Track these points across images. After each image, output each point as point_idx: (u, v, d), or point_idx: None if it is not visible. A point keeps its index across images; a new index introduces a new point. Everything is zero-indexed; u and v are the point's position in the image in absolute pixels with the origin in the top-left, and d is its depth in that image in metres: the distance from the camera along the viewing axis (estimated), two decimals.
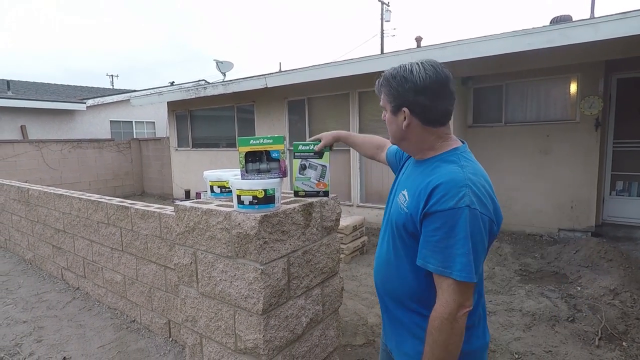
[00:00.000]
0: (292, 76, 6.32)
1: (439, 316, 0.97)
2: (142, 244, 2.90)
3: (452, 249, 0.95)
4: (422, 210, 1.00)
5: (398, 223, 1.10)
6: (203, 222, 1.61)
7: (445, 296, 0.96)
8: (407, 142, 1.16)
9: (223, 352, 1.64)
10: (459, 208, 0.95)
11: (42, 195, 4.24)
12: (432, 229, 0.98)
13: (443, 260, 0.96)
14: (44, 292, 3.82)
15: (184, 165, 9.34)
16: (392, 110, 1.13)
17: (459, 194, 0.96)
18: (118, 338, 2.87)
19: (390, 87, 1.12)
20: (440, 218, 0.96)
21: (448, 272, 0.95)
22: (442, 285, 0.97)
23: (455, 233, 0.95)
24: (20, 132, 10.40)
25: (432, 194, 0.99)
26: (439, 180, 1.00)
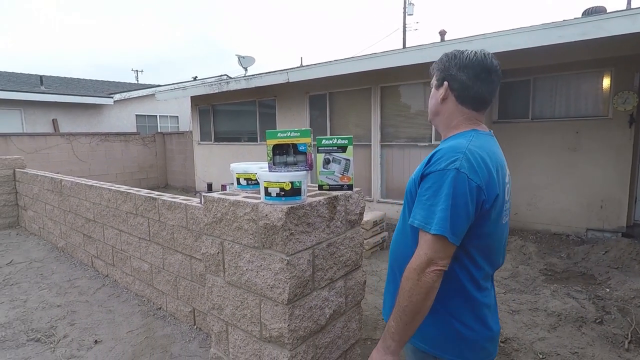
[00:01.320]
0: (314, 71, 6.32)
1: (409, 267, 1.02)
2: (168, 234, 2.99)
3: (435, 207, 1.00)
4: (420, 173, 1.09)
5: (407, 191, 1.17)
6: (230, 213, 1.65)
7: (420, 250, 1.01)
8: (439, 118, 1.22)
9: (248, 340, 1.68)
10: (448, 169, 1.01)
11: (74, 186, 4.41)
12: (424, 189, 1.05)
13: (426, 216, 1.01)
14: (76, 278, 4.00)
15: (207, 159, 9.51)
16: (437, 84, 1.21)
17: (451, 158, 1.03)
18: (145, 324, 2.97)
19: (440, 62, 1.21)
20: (432, 178, 1.03)
21: (427, 227, 1.00)
22: (421, 240, 1.02)
23: (440, 192, 1.00)
24: (52, 125, 10.82)
25: (430, 159, 1.08)
26: (440, 147, 1.10)
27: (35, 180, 5.56)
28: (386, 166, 6.32)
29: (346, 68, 5.83)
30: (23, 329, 2.94)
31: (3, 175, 6.29)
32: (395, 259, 1.24)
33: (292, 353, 1.53)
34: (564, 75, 5.38)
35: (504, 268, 4.17)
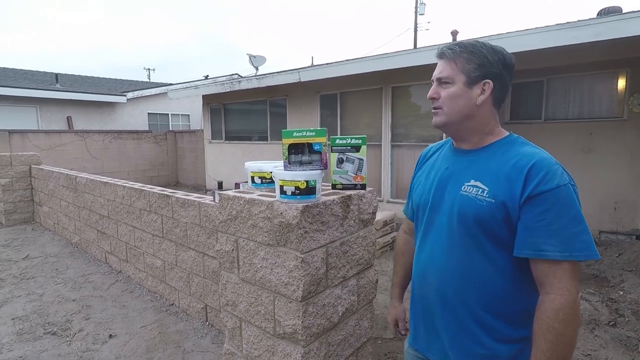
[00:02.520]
0: (325, 71, 6.34)
1: (564, 307, 0.87)
2: (181, 231, 3.03)
3: (567, 230, 0.88)
4: (522, 194, 0.91)
5: (479, 217, 0.97)
6: (245, 210, 1.67)
7: (565, 283, 0.88)
8: (472, 122, 1.04)
9: (262, 336, 1.71)
10: (564, 185, 0.90)
11: (89, 182, 4.50)
12: (538, 213, 0.90)
13: (561, 243, 0.87)
14: (90, 273, 4.07)
15: (217, 158, 9.59)
16: (469, 81, 1.01)
17: (558, 172, 0.91)
18: (158, 320, 3.03)
19: (477, 54, 1.01)
20: (548, 199, 0.89)
21: (568, 255, 0.87)
22: (557, 272, 0.88)
23: (566, 212, 0.88)
24: (66, 122, 11.01)
25: (530, 175, 0.91)
26: (531, 160, 0.94)
27: (50, 176, 5.67)
28: (396, 166, 6.31)
29: (357, 68, 5.84)
30: (40, 322, 3.01)
31: (19, 171, 6.43)
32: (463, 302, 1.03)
33: (305, 349, 1.55)
34: (578, 75, 5.32)
35: None
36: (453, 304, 1.05)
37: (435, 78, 1.07)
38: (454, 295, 1.04)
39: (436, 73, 1.08)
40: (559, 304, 0.88)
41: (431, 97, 1.08)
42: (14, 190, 6.35)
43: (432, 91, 1.08)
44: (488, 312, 1.00)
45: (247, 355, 1.80)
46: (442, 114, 1.06)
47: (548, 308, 0.89)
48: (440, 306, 1.08)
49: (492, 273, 0.99)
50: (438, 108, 1.07)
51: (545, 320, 0.89)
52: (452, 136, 1.14)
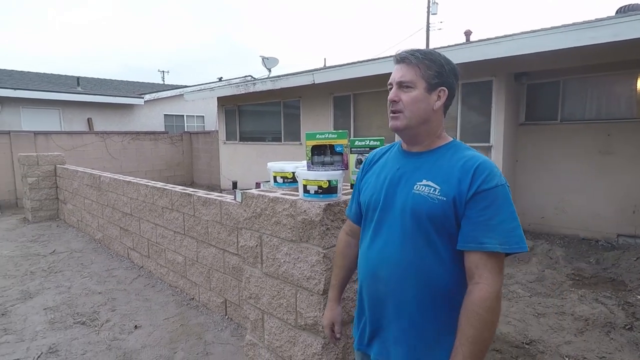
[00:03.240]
0: (339, 72, 6.42)
1: (489, 296, 0.94)
2: (203, 228, 3.15)
3: (504, 224, 0.97)
4: (469, 191, 0.99)
5: (432, 213, 1.02)
6: (269, 208, 1.77)
7: (494, 275, 0.96)
8: (426, 126, 1.11)
9: (283, 327, 1.80)
10: (502, 185, 1.00)
11: (113, 181, 4.67)
12: (480, 208, 0.98)
13: (499, 236, 0.96)
14: (113, 268, 4.24)
15: (232, 158, 9.76)
16: (429, 87, 1.09)
17: (497, 173, 1.02)
18: (180, 313, 3.15)
19: (434, 63, 1.09)
20: (488, 196, 0.98)
21: (506, 247, 0.95)
22: (489, 264, 0.96)
23: (504, 209, 0.98)
24: (87, 124, 11.34)
25: (476, 174, 1.00)
26: (477, 161, 1.03)
27: (75, 175, 5.89)
28: None
29: (372, 70, 5.90)
30: (69, 312, 3.16)
31: (46, 170, 6.68)
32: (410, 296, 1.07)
33: (325, 340, 1.64)
34: (596, 76, 5.27)
35: (529, 271, 4.15)
36: (405, 299, 1.07)
37: (396, 82, 1.11)
38: (408, 289, 1.07)
39: (396, 77, 1.11)
40: (486, 293, 0.95)
41: (392, 100, 1.11)
42: (40, 188, 6.61)
43: (393, 94, 1.11)
44: (435, 305, 1.05)
45: (269, 345, 1.89)
46: (403, 118, 1.10)
47: (476, 296, 0.95)
48: (392, 301, 1.09)
49: (439, 268, 1.04)
50: (398, 112, 1.10)
51: (471, 307, 0.96)
52: (406, 139, 1.16)
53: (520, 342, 2.78)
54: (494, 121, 5.38)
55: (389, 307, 1.10)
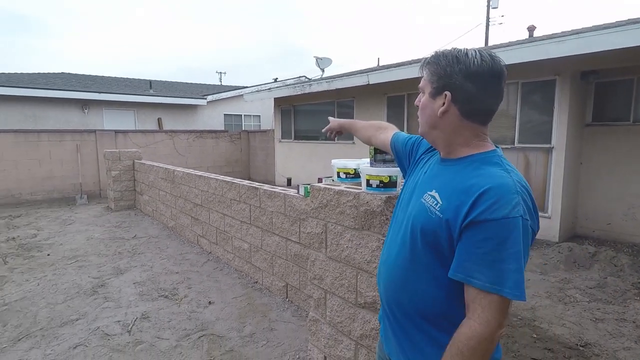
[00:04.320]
0: (394, 73, 6.53)
1: (477, 336, 0.85)
2: (267, 218, 3.49)
3: (503, 264, 0.84)
4: (466, 218, 0.88)
5: (425, 228, 0.96)
6: (335, 200, 2.01)
7: (487, 314, 0.85)
8: (438, 132, 1.04)
9: (344, 305, 2.04)
10: (513, 218, 0.85)
11: (185, 175, 5.21)
12: (478, 240, 0.86)
13: (493, 275, 0.84)
14: (185, 252, 4.75)
15: (286, 156, 10.21)
16: (432, 92, 1.01)
17: (511, 202, 0.86)
18: (246, 294, 3.52)
19: (437, 65, 1.00)
20: (491, 228, 0.85)
21: (497, 289, 0.84)
22: (483, 302, 0.86)
23: (507, 246, 0.84)
24: (157, 123, 12.44)
25: (480, 199, 0.87)
26: (487, 184, 0.88)
27: (151, 170, 6.60)
28: None
29: None
30: (154, 287, 3.66)
31: (126, 165, 7.52)
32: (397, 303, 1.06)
33: None
34: None
35: (589, 277, 4.03)
36: (394, 309, 1.08)
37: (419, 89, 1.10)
38: (395, 300, 1.07)
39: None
40: (474, 332, 0.86)
41: (416, 105, 1.10)
42: (121, 181, 7.46)
43: (417, 99, 1.11)
44: (424, 319, 1.01)
45: (330, 321, 2.14)
46: (419, 124, 1.09)
47: (463, 332, 0.88)
48: (387, 307, 1.12)
49: (431, 285, 0.98)
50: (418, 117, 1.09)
51: (456, 343, 0.89)
52: (433, 145, 1.14)
53: (575, 344, 2.79)
54: (557, 122, 5.21)
55: (384, 304, 1.14)
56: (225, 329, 2.88)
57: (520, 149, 5.62)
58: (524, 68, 5.19)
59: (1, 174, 8.19)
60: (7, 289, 3.70)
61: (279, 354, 2.56)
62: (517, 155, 5.67)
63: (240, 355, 2.54)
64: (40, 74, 13.19)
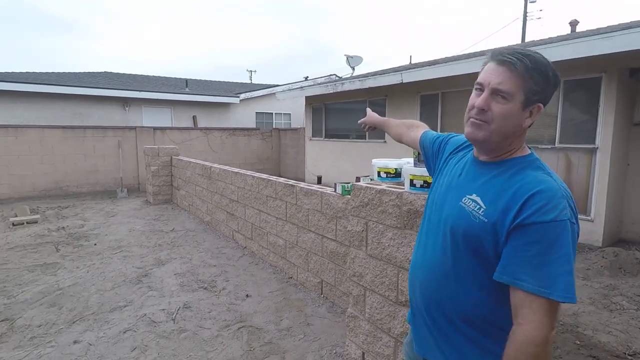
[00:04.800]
0: (428, 72, 6.44)
1: (533, 341, 0.84)
2: (303, 216, 3.56)
3: (551, 266, 0.84)
4: (514, 221, 0.88)
5: (468, 233, 0.96)
6: (376, 199, 2.04)
7: (539, 317, 0.84)
8: (508, 141, 0.99)
9: (384, 303, 2.06)
10: (561, 221, 0.85)
11: (222, 172, 5.38)
12: (526, 242, 0.86)
13: (541, 278, 0.84)
14: (222, 247, 4.92)
15: (317, 154, 10.29)
16: (526, 102, 0.95)
17: (559, 206, 0.86)
18: (281, 288, 3.61)
19: (543, 77, 0.94)
20: (539, 231, 0.85)
21: (546, 292, 0.83)
22: (533, 305, 0.84)
23: (556, 249, 0.84)
24: (192, 120, 12.85)
25: (528, 202, 0.87)
26: (535, 187, 0.89)
27: (188, 166, 6.84)
28: None
29: (463, 68, 5.83)
30: (193, 279, 3.82)
31: (164, 161, 7.84)
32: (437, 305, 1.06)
33: None
34: None
35: (637, 284, 3.84)
36: (434, 312, 1.07)
37: (491, 87, 0.95)
38: (435, 302, 1.06)
39: (492, 81, 0.95)
40: (529, 337, 0.84)
41: (480, 108, 0.97)
42: (159, 176, 7.78)
43: (483, 102, 0.96)
44: (468, 325, 1.00)
45: (370, 318, 2.17)
46: (486, 129, 0.97)
47: (518, 340, 0.86)
48: (425, 311, 1.10)
49: (474, 288, 0.97)
50: (484, 122, 0.97)
51: (512, 352, 0.87)
52: (480, 150, 1.06)
53: (622, 352, 2.68)
54: (602, 121, 4.99)
55: (420, 306, 1.12)
56: (263, 321, 2.98)
57: (561, 149, 5.41)
58: (567, 65, 4.98)
59: (51, 167, 8.74)
60: (60, 274, 3.97)
61: (316, 348, 2.62)
62: (558, 156, 5.46)
63: (278, 348, 2.62)
64: (85, 73, 13.92)
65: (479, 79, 1.00)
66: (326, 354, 2.55)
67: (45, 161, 8.67)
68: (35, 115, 10.38)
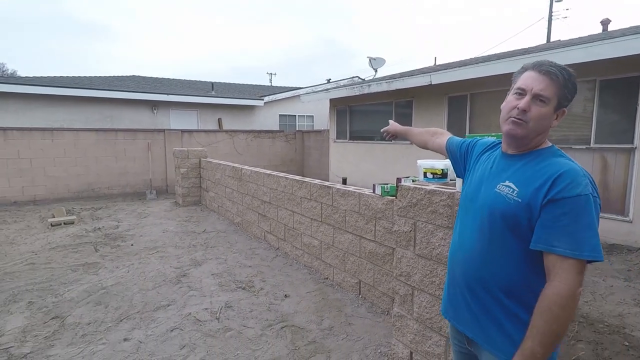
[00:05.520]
0: (458, 73, 6.38)
1: (563, 294, 1.01)
2: (340, 217, 3.59)
3: (580, 233, 1.01)
4: (545, 197, 1.05)
5: (505, 213, 1.12)
6: (426, 199, 2.06)
7: (569, 276, 1.01)
8: (538, 137, 1.18)
9: (434, 302, 2.07)
10: (585, 195, 1.03)
11: (253, 174, 5.47)
12: (557, 215, 1.03)
13: (572, 243, 1.01)
14: (254, 248, 5.00)
15: (341, 156, 10.32)
16: (557, 106, 1.15)
17: (582, 183, 1.04)
18: (318, 289, 3.65)
19: (574, 88, 1.15)
20: (567, 204, 1.03)
21: (576, 254, 1.00)
22: (564, 265, 1.02)
23: (583, 218, 1.02)
24: (217, 123, 13.09)
25: (557, 181, 1.05)
26: (561, 169, 1.07)
27: (218, 168, 6.99)
28: None
29: (494, 69, 5.76)
30: (231, 279, 3.91)
31: (193, 163, 8.02)
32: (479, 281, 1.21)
33: None
34: None
35: None
36: (475, 287, 1.22)
37: (533, 93, 1.14)
38: (476, 279, 1.22)
39: (535, 87, 1.14)
40: (560, 290, 1.01)
41: (523, 109, 1.14)
42: (188, 178, 7.97)
43: (526, 104, 1.14)
44: (507, 296, 1.15)
45: (418, 317, 2.18)
46: (525, 128, 1.15)
47: (550, 292, 1.03)
48: (466, 288, 1.25)
49: (511, 261, 1.14)
50: (524, 121, 1.15)
51: (545, 302, 1.03)
52: (513, 144, 1.23)
53: None
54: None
55: (464, 293, 1.26)
56: (304, 321, 3.02)
57: (597, 149, 5.27)
58: (602, 65, 4.87)
59: (84, 169, 9.07)
60: (102, 274, 4.12)
61: (360, 347, 2.64)
62: (593, 156, 5.33)
63: (323, 347, 2.66)
64: (115, 77, 14.39)
65: (521, 85, 1.18)
66: (371, 353, 2.57)
67: (78, 163, 9.00)
68: (70, 118, 10.79)
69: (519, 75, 1.21)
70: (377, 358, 2.51)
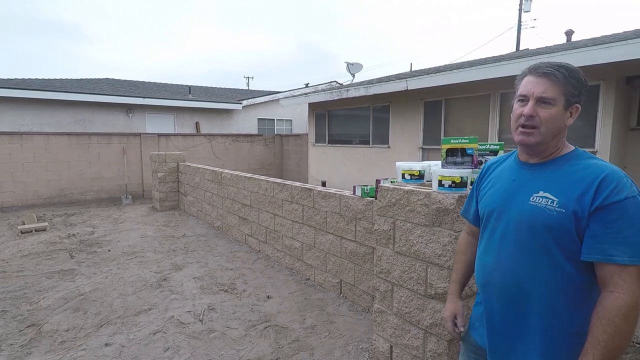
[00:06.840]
0: (434, 79, 6.62)
1: (625, 305, 0.95)
2: (321, 218, 3.68)
3: (636, 237, 0.96)
4: (592, 204, 1.00)
5: (549, 225, 1.05)
6: (404, 199, 2.17)
7: (629, 284, 0.96)
8: (555, 140, 1.12)
9: (412, 297, 2.19)
10: (633, 197, 0.98)
11: (234, 177, 5.49)
12: (608, 221, 0.98)
13: (629, 249, 0.96)
14: (235, 251, 5.01)
15: (320, 159, 10.42)
16: (567, 104, 1.10)
17: (627, 184, 1.00)
18: (300, 289, 3.71)
19: (579, 82, 1.10)
20: (617, 209, 0.97)
21: (635, 261, 0.95)
22: (623, 274, 0.96)
23: (635, 221, 0.97)
24: (194, 127, 12.95)
25: (601, 186, 1.00)
26: (602, 172, 1.02)
27: (197, 171, 6.94)
28: None
29: (469, 76, 6.01)
30: (213, 282, 3.91)
31: (170, 167, 7.93)
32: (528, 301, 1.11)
33: None
34: None
35: None
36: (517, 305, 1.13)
37: (536, 97, 1.09)
38: (519, 296, 1.12)
39: (536, 91, 1.09)
40: (622, 301, 0.96)
41: (529, 115, 1.10)
42: (166, 182, 7.87)
43: (531, 110, 1.10)
44: (553, 316, 1.07)
45: (398, 312, 2.29)
46: (537, 134, 1.10)
47: (610, 304, 0.97)
48: (501, 307, 1.17)
49: (559, 277, 1.06)
50: (533, 127, 1.10)
51: (606, 314, 0.97)
52: (532, 153, 1.17)
53: None
54: (600, 126, 5.18)
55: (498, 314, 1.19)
56: (287, 320, 3.08)
57: None
58: None
59: (56, 174, 8.79)
60: (79, 280, 4.04)
61: (342, 344, 2.73)
62: None
63: (306, 345, 2.73)
64: (88, 80, 13.99)
65: (522, 92, 1.14)
66: (353, 349, 2.66)
67: (49, 168, 8.72)
68: (39, 122, 10.42)
69: (519, 82, 1.18)
70: (358, 353, 2.61)
